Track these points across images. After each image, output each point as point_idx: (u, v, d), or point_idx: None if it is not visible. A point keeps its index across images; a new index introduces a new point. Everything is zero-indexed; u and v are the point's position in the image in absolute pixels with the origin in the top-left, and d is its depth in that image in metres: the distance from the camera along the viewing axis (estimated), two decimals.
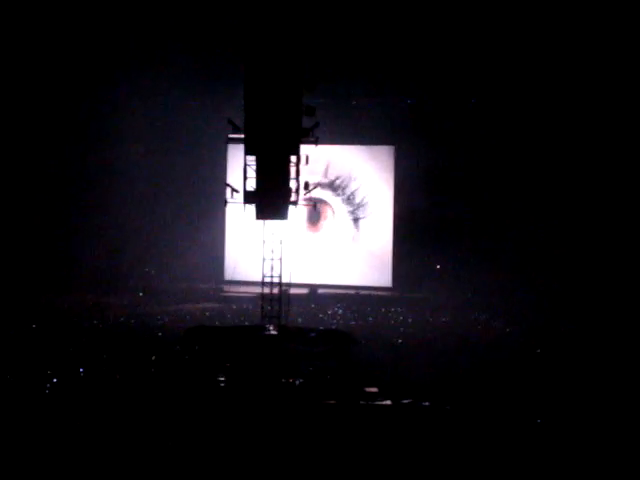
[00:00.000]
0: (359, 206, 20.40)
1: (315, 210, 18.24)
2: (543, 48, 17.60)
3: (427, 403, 9.80)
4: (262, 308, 13.98)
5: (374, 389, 10.45)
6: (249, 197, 13.55)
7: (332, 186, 20.25)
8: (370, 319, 16.81)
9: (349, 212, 20.50)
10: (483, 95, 19.46)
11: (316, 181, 17.12)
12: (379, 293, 19.86)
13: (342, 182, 20.18)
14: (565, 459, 8.07)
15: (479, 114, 19.59)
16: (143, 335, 14.20)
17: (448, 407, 9.70)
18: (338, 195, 20.38)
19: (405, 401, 9.88)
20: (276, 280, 13.93)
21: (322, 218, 20.33)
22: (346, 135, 19.96)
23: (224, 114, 15.11)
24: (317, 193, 17.57)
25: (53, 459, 7.87)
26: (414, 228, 20.11)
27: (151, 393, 10.12)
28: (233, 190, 13.99)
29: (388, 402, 9.91)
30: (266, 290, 13.97)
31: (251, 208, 13.62)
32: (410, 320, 16.48)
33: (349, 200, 20.40)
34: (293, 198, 13.58)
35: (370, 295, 19.48)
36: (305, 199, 14.23)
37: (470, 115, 19.69)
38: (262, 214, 13.71)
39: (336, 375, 11.25)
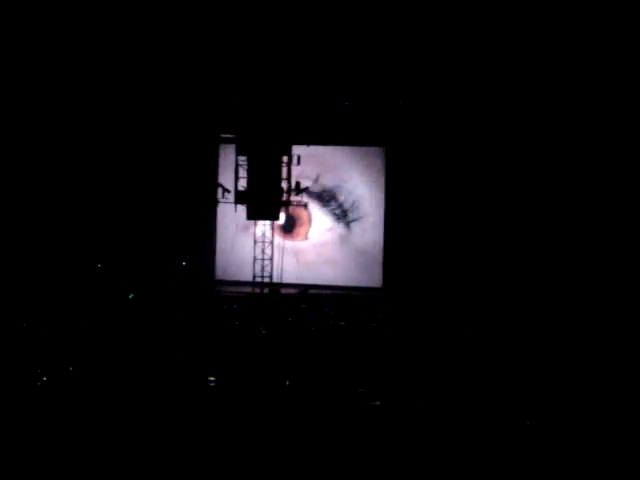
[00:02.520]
0: (350, 210, 20.43)
1: (306, 211, 18.29)
2: (536, 48, 17.63)
3: (415, 404, 9.85)
4: (253, 308, 14.00)
5: (362, 390, 10.49)
6: (241, 197, 13.58)
7: (321, 197, 20.22)
8: (361, 319, 16.83)
9: (340, 215, 20.52)
10: (474, 97, 19.49)
11: (307, 185, 17.16)
12: (370, 294, 19.90)
13: (331, 193, 20.14)
14: (553, 459, 8.14)
15: (469, 116, 19.63)
16: (133, 335, 14.20)
17: (438, 409, 9.75)
18: (329, 204, 20.36)
19: (394, 402, 9.93)
20: (267, 280, 13.95)
21: (313, 220, 20.33)
22: (337, 136, 19.98)
23: (215, 115, 15.15)
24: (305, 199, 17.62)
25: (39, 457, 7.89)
26: (405, 229, 20.14)
27: (142, 394, 10.14)
28: (224, 190, 14.03)
29: (377, 403, 9.96)
30: (257, 290, 13.99)
31: (243, 208, 13.66)
32: (400, 322, 16.50)
33: (340, 206, 20.41)
34: (284, 198, 13.63)
35: (361, 296, 19.51)
36: (296, 200, 14.28)
37: (459, 117, 19.72)
38: (253, 214, 13.75)
39: (326, 375, 11.29)
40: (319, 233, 20.40)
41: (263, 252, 13.98)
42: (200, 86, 19.46)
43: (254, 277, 14.00)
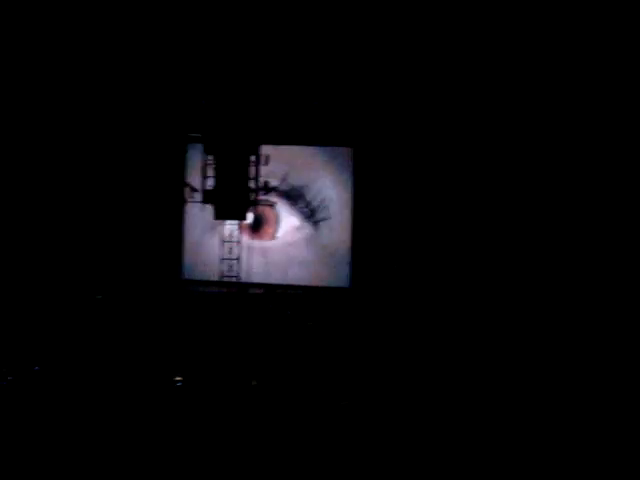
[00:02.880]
0: (318, 209, 20.40)
1: (273, 211, 18.26)
2: (499, 53, 17.76)
3: (384, 404, 9.89)
4: (220, 308, 13.97)
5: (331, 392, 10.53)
6: (208, 196, 13.53)
7: (289, 196, 20.16)
8: (328, 319, 16.85)
9: (308, 214, 20.50)
10: (442, 98, 19.58)
11: (275, 184, 17.12)
12: (338, 294, 19.91)
13: (299, 193, 20.09)
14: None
15: (437, 117, 19.72)
16: (100, 336, 14.11)
17: (409, 408, 9.80)
18: (297, 204, 20.31)
19: (362, 402, 9.97)
20: (234, 280, 13.91)
21: (280, 219, 20.29)
22: (306, 136, 19.97)
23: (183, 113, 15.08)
24: (273, 198, 17.56)
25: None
26: (373, 229, 20.18)
27: (106, 394, 10.07)
28: (192, 189, 13.97)
29: (345, 403, 9.99)
30: (224, 290, 13.95)
31: (210, 207, 13.62)
32: (368, 322, 16.55)
33: (308, 206, 20.38)
34: (252, 198, 13.61)
35: (329, 296, 19.52)
36: (264, 199, 14.26)
37: (428, 117, 19.80)
38: (220, 214, 13.72)
39: (293, 375, 11.30)
40: (287, 233, 20.35)
41: (230, 252, 13.93)
42: (168, 85, 19.37)
43: (221, 277, 13.94)
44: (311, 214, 20.60)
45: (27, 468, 7.59)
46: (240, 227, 15.58)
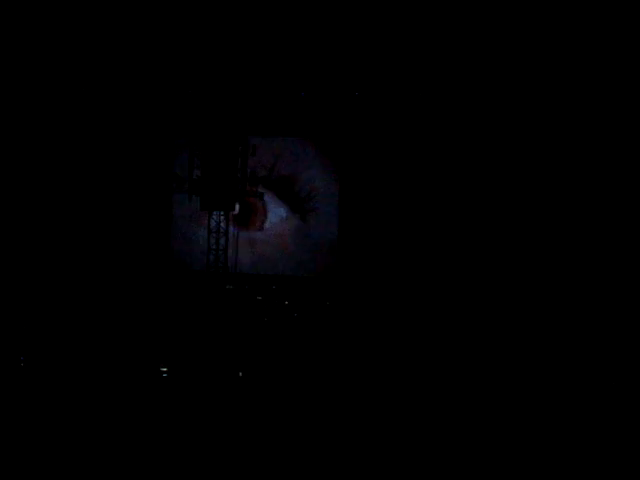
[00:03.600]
0: (305, 200, 20.40)
1: (261, 202, 18.26)
2: (486, 45, 17.78)
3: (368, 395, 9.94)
4: (207, 298, 13.97)
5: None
6: (195, 187, 13.52)
7: (276, 187, 20.15)
8: (314, 310, 16.87)
9: (295, 205, 20.50)
10: (429, 90, 19.60)
11: (262, 175, 17.12)
12: (325, 285, 19.93)
13: (286, 184, 20.08)
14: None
15: (424, 109, 19.73)
16: (85, 324, 14.08)
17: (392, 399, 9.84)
18: (284, 195, 20.30)
19: (347, 393, 10.01)
20: (221, 271, 13.92)
21: (267, 210, 20.29)
22: (293, 127, 19.95)
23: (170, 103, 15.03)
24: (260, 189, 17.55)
25: None
26: (360, 220, 20.20)
27: (92, 384, 10.09)
28: (179, 179, 13.95)
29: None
30: (211, 281, 13.96)
31: (197, 198, 13.61)
32: (355, 313, 16.58)
33: (295, 197, 20.37)
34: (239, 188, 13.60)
35: (315, 286, 19.54)
36: (251, 190, 14.26)
37: (415, 109, 19.81)
38: (207, 204, 13.71)
39: (280, 366, 11.33)
40: (274, 224, 20.37)
41: (218, 242, 13.94)
42: (156, 76, 19.31)
43: (208, 268, 13.95)
44: (299, 205, 20.61)
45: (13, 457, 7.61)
46: (227, 218, 15.57)
